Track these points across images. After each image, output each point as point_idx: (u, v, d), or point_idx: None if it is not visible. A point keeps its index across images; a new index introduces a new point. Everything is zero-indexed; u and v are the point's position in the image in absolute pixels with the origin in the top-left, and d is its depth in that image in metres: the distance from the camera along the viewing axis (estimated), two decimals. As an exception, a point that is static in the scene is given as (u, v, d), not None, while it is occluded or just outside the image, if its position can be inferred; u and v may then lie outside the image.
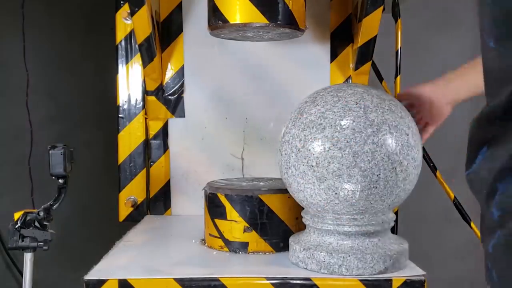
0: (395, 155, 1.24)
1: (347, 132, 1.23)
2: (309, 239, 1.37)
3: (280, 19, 1.62)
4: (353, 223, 1.30)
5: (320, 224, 1.34)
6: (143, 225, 1.90)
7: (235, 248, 1.52)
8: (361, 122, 1.24)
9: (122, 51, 2.02)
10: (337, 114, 1.26)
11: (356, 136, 1.23)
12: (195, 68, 2.02)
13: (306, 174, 1.28)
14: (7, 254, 2.61)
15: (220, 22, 1.64)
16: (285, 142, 1.34)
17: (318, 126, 1.27)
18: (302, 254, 1.35)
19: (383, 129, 1.24)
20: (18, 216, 1.52)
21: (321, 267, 1.31)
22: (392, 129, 1.25)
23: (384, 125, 1.24)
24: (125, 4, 1.97)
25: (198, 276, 1.31)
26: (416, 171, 1.31)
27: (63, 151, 1.54)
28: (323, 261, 1.31)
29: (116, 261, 1.46)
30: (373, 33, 1.81)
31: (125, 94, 2.04)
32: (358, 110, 1.26)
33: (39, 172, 2.53)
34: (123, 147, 2.03)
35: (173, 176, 2.04)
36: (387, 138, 1.23)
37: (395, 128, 1.25)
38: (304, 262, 1.34)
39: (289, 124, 1.35)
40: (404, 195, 1.31)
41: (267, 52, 2.01)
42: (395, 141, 1.24)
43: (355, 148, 1.22)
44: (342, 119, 1.25)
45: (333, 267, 1.30)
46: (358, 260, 1.28)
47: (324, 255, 1.31)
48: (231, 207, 1.51)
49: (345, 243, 1.32)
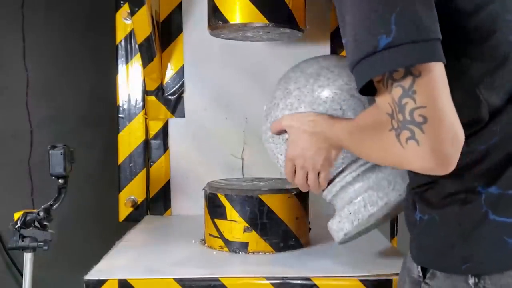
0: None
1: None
2: (342, 202, 1.30)
3: (280, 19, 1.62)
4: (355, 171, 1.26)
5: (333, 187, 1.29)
6: (143, 225, 1.90)
7: (235, 248, 1.52)
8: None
9: (122, 51, 2.02)
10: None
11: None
12: (195, 68, 2.02)
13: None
14: (7, 254, 2.61)
15: (220, 22, 1.63)
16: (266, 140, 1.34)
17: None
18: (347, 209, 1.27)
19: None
20: (18, 216, 1.51)
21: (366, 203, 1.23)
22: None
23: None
24: (125, 4, 1.97)
25: (198, 276, 1.31)
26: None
27: (63, 151, 1.54)
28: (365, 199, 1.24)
29: (116, 261, 1.46)
30: (373, 33, 1.81)
31: (125, 94, 2.04)
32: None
33: (39, 172, 2.53)
34: (123, 147, 2.03)
35: (173, 176, 2.04)
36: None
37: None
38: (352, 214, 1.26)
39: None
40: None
41: (267, 52, 2.01)
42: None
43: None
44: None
45: (376, 199, 1.23)
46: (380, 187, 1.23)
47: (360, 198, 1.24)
48: (231, 207, 1.51)
49: (360, 184, 1.25)
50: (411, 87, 0.77)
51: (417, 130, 0.76)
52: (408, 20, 0.77)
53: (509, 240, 0.86)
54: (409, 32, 0.77)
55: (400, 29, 0.77)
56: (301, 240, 1.57)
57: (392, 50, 0.77)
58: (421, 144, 0.77)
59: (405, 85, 0.77)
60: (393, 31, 0.77)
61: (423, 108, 0.76)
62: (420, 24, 0.77)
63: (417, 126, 0.76)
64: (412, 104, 0.77)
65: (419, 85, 0.76)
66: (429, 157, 0.77)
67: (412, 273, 0.99)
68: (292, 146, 1.21)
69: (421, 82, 0.77)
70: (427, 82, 0.77)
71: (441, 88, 0.77)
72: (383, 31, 0.77)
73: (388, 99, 0.80)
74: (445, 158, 0.78)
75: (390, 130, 0.81)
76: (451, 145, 0.77)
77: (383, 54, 0.77)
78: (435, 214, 0.93)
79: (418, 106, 0.76)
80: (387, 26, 0.77)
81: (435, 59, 0.78)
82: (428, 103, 0.76)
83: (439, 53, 0.78)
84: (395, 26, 0.77)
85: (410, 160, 0.80)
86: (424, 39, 0.77)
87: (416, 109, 0.76)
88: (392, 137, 0.81)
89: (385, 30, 0.77)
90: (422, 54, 0.77)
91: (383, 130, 0.83)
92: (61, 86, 2.70)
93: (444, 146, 0.77)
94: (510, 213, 0.86)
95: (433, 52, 0.78)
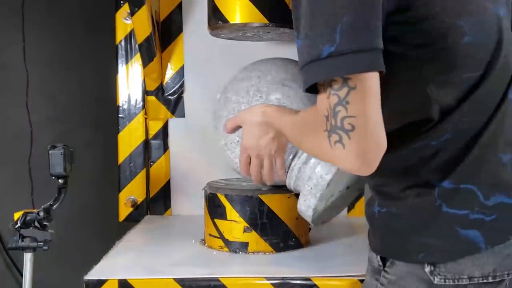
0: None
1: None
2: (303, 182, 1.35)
3: (280, 19, 1.62)
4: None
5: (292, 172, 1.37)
6: (143, 225, 1.90)
7: (235, 248, 1.52)
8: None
9: (122, 51, 2.02)
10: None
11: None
12: (195, 68, 2.02)
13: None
14: (7, 254, 2.61)
15: (220, 22, 1.64)
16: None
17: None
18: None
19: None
20: (18, 216, 1.51)
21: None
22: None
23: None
24: (125, 4, 1.97)
25: (198, 276, 1.32)
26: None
27: (63, 151, 1.54)
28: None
29: (116, 261, 1.46)
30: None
31: (125, 94, 2.04)
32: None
33: (39, 172, 2.52)
34: (123, 147, 2.03)
35: (173, 176, 2.04)
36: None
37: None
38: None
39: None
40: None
41: (267, 52, 2.01)
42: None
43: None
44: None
45: (329, 167, 1.29)
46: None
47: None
48: (231, 207, 1.51)
49: (313, 160, 1.33)
50: (346, 97, 0.83)
51: (345, 136, 0.84)
52: (352, 31, 0.82)
53: (460, 230, 0.92)
54: (350, 43, 0.82)
55: (342, 39, 0.82)
56: (301, 240, 1.57)
57: (333, 59, 0.82)
58: (347, 148, 0.84)
59: (341, 95, 0.84)
60: (336, 41, 0.82)
61: (353, 117, 0.83)
62: (362, 35, 0.83)
63: (345, 133, 0.84)
64: (344, 112, 0.84)
65: (352, 97, 0.83)
66: (353, 160, 0.85)
67: (373, 262, 1.06)
68: (246, 136, 1.27)
69: (355, 94, 0.83)
70: (360, 95, 0.83)
71: (372, 101, 0.84)
72: (328, 40, 0.82)
73: (326, 103, 0.87)
74: (367, 162, 0.85)
75: (324, 131, 0.88)
76: (373, 153, 0.85)
77: (325, 62, 0.83)
78: (393, 207, 0.99)
79: (349, 115, 0.83)
80: (332, 35, 0.82)
81: (372, 69, 0.83)
82: (358, 114, 0.83)
83: (378, 62, 0.84)
84: (339, 36, 0.82)
85: (337, 160, 0.88)
86: (363, 49, 0.82)
87: (347, 117, 0.83)
88: (325, 138, 0.88)
89: (329, 39, 0.82)
90: (360, 64, 0.82)
91: (318, 130, 0.90)
92: (61, 86, 2.70)
93: (367, 152, 0.84)
94: (461, 205, 0.93)
95: (371, 62, 0.83)
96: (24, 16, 2.61)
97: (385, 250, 1.02)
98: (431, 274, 0.94)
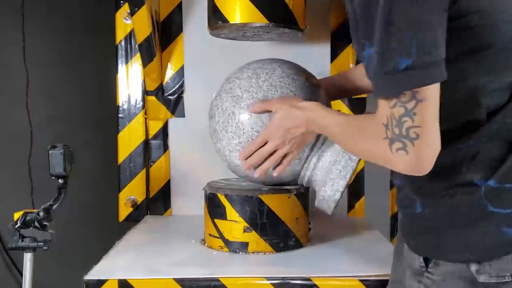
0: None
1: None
2: (323, 170, 1.43)
3: (280, 19, 1.62)
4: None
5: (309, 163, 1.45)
6: (143, 225, 1.90)
7: (235, 248, 1.52)
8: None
9: (122, 51, 2.02)
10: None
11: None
12: (195, 68, 2.02)
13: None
14: (7, 254, 2.61)
15: (220, 22, 1.64)
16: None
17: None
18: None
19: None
20: (18, 216, 1.51)
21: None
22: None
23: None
24: (125, 4, 1.97)
25: (198, 276, 1.32)
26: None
27: (63, 151, 1.54)
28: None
29: (116, 261, 1.46)
30: (373, 33, 1.81)
31: (125, 94, 2.03)
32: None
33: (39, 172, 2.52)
34: (123, 147, 2.03)
35: (173, 176, 2.04)
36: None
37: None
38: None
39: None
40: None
41: (267, 52, 2.01)
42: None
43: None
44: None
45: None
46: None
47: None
48: (231, 207, 1.51)
49: (334, 145, 1.40)
50: (413, 109, 0.89)
51: (409, 144, 0.91)
52: (427, 44, 0.87)
53: (505, 229, 0.95)
54: (425, 56, 0.87)
55: (419, 52, 0.87)
56: (301, 240, 1.57)
57: (409, 72, 0.87)
58: (409, 154, 0.91)
59: (408, 107, 0.90)
60: (413, 54, 0.87)
61: (418, 127, 0.90)
62: (434, 48, 0.88)
63: (409, 141, 0.91)
64: (410, 123, 0.90)
65: (419, 109, 0.89)
66: (414, 165, 0.92)
67: (413, 264, 1.06)
68: (276, 124, 1.31)
69: (421, 106, 0.89)
70: (426, 106, 0.89)
71: (435, 110, 0.90)
72: (404, 53, 0.87)
73: (387, 112, 0.93)
74: (425, 165, 0.93)
75: (384, 138, 0.94)
76: (431, 156, 0.92)
77: (401, 75, 0.88)
78: (437, 207, 1.01)
79: (415, 125, 0.90)
80: (408, 48, 0.87)
81: (439, 80, 0.89)
82: (423, 124, 0.90)
83: (444, 73, 0.89)
84: (415, 49, 0.87)
85: (396, 165, 0.95)
86: (434, 61, 0.88)
87: (413, 127, 0.90)
88: (384, 145, 0.94)
89: (406, 52, 0.87)
90: (431, 77, 0.88)
91: (376, 137, 0.96)
92: (61, 86, 2.70)
93: (427, 157, 0.92)
94: (506, 204, 0.95)
95: (439, 73, 0.89)
96: (24, 16, 2.61)
97: (429, 251, 1.03)
98: (476, 272, 0.96)
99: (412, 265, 1.07)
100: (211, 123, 1.52)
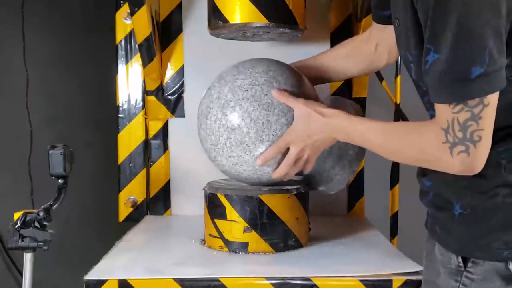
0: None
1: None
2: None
3: (280, 19, 1.62)
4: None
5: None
6: (143, 225, 1.90)
7: (235, 248, 1.52)
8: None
9: (122, 51, 2.02)
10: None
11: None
12: (195, 68, 2.02)
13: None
14: (7, 254, 2.61)
15: (220, 22, 1.64)
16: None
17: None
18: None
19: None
20: (18, 216, 1.51)
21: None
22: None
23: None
24: (125, 4, 1.97)
25: (198, 276, 1.32)
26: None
27: (63, 151, 1.54)
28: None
29: (116, 261, 1.46)
30: (373, 33, 1.81)
31: (125, 94, 2.03)
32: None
33: (39, 172, 2.52)
34: (123, 147, 2.03)
35: (173, 176, 2.04)
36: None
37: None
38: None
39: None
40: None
41: (267, 52, 2.01)
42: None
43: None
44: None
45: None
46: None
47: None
48: (231, 207, 1.51)
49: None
50: (479, 113, 0.94)
51: (472, 146, 0.96)
52: (496, 52, 0.92)
53: None
54: (495, 63, 0.92)
55: (491, 60, 0.91)
56: (301, 240, 1.57)
57: (481, 79, 0.92)
58: (471, 156, 0.97)
59: (475, 111, 0.94)
60: (486, 62, 0.91)
61: (481, 130, 0.95)
62: (502, 55, 0.93)
63: (472, 143, 0.96)
64: (475, 126, 0.95)
65: (485, 113, 0.94)
66: (472, 166, 0.98)
67: (448, 264, 1.08)
68: (298, 131, 1.30)
69: (486, 110, 0.94)
70: (490, 111, 0.95)
71: (494, 114, 0.96)
72: (478, 61, 0.91)
73: (450, 117, 0.97)
74: (478, 166, 0.98)
75: (443, 142, 0.99)
76: (485, 157, 0.98)
77: (474, 82, 0.92)
78: (478, 207, 1.04)
79: (479, 128, 0.95)
80: (482, 56, 0.91)
81: (503, 86, 0.94)
82: (486, 127, 0.95)
83: (505, 79, 0.94)
84: (488, 57, 0.91)
85: (453, 165, 0.99)
86: (501, 68, 0.93)
87: (477, 130, 0.95)
88: (445, 149, 0.99)
89: (480, 60, 0.91)
90: (498, 83, 0.94)
91: (435, 142, 1.00)
92: (61, 86, 2.70)
93: (481, 158, 0.98)
94: None
95: (503, 79, 0.94)
96: (24, 16, 2.61)
97: (468, 250, 1.05)
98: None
99: (447, 265, 1.09)
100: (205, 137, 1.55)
